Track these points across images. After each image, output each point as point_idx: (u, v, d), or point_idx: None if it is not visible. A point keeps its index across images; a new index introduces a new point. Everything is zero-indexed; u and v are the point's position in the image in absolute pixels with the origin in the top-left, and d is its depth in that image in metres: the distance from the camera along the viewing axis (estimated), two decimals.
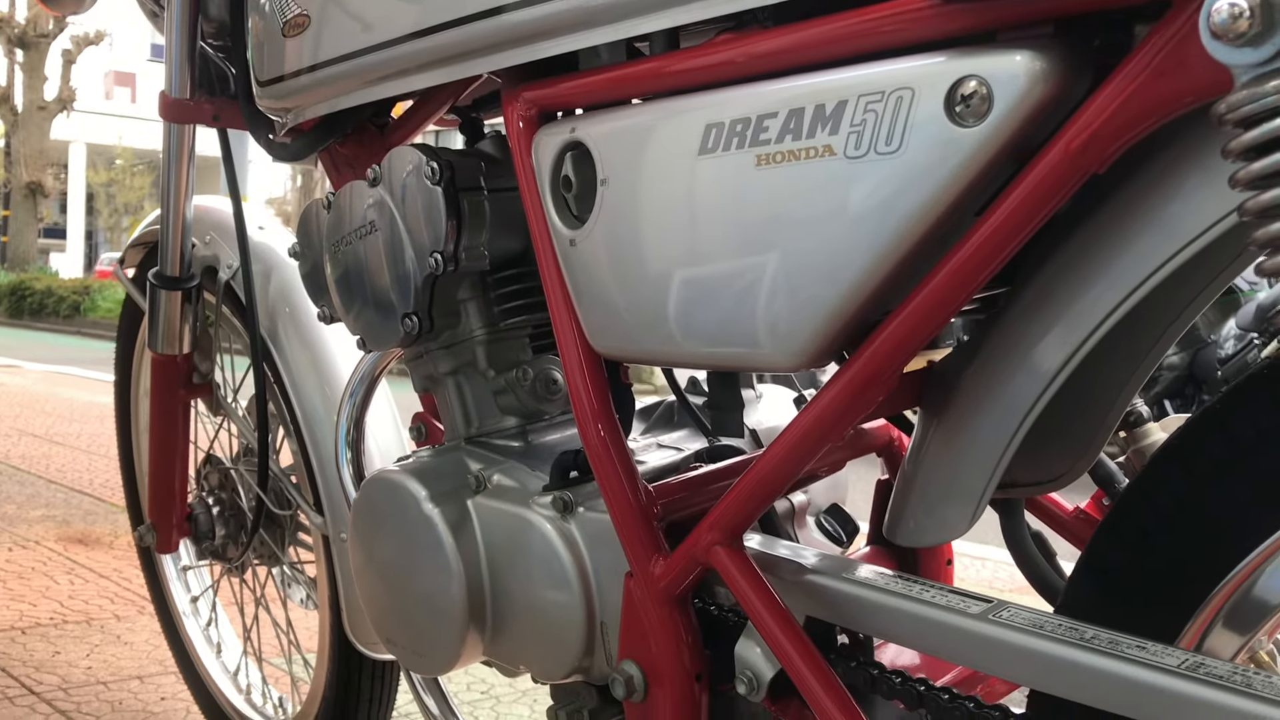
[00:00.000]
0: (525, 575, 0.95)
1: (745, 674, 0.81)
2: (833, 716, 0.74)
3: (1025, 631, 0.68)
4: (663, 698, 0.85)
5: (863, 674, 0.78)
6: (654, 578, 0.84)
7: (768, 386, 1.15)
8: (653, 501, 0.87)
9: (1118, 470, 0.97)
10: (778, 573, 0.80)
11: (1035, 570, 0.94)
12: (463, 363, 1.08)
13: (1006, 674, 0.70)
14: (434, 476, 1.01)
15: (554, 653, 0.94)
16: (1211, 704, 0.60)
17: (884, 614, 0.75)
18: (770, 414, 1.11)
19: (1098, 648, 0.65)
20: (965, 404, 0.75)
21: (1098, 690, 0.65)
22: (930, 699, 0.75)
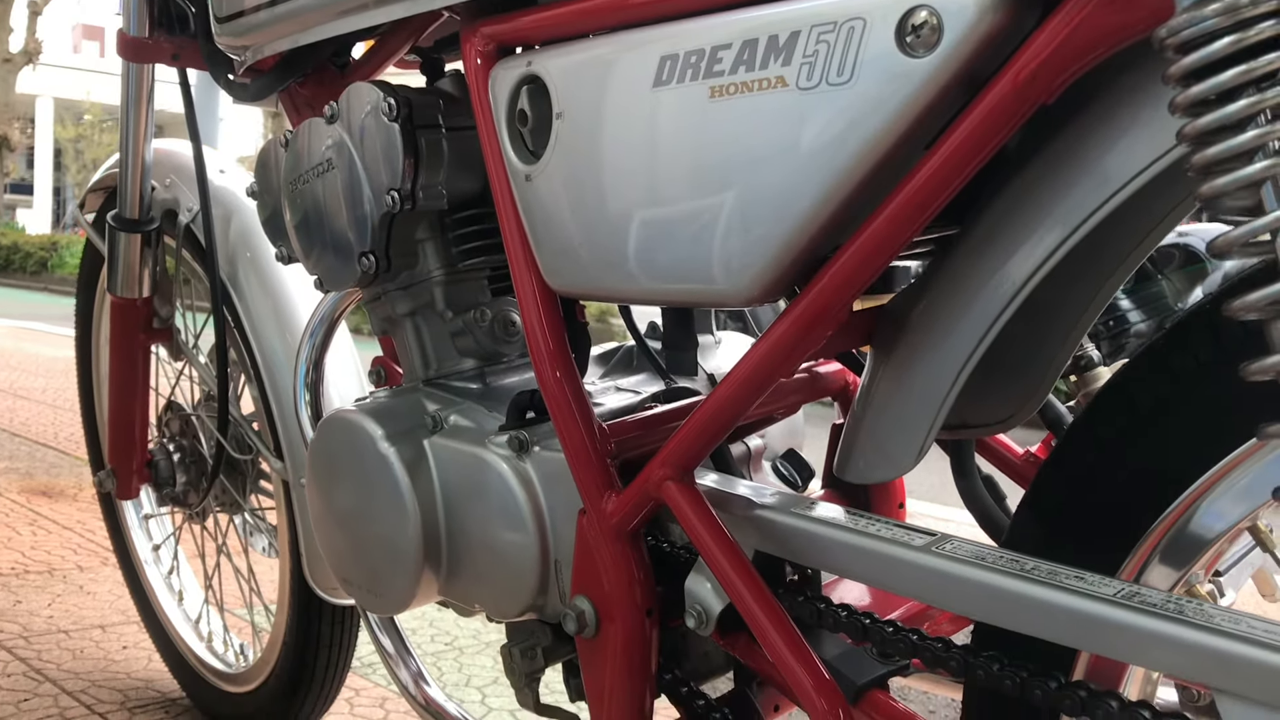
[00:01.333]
0: (480, 514, 0.95)
1: (695, 608, 0.82)
2: (779, 649, 0.75)
3: (967, 563, 0.69)
4: (613, 633, 0.86)
5: (809, 608, 0.79)
6: (606, 514, 0.84)
7: (727, 333, 1.15)
8: (607, 440, 0.87)
9: (1067, 413, 0.99)
10: (727, 509, 0.81)
11: (984, 512, 0.96)
12: (420, 304, 1.07)
13: (949, 605, 0.71)
14: (390, 416, 1.01)
15: (508, 591, 0.95)
16: (1145, 630, 0.61)
17: (830, 547, 0.75)
18: (729, 359, 1.11)
19: (1037, 578, 0.66)
20: (913, 342, 0.76)
21: (1036, 619, 0.66)
22: (875, 631, 0.76)
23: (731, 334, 1.14)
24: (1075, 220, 0.66)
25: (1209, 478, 0.67)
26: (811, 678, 0.74)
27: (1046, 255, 0.68)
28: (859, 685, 0.77)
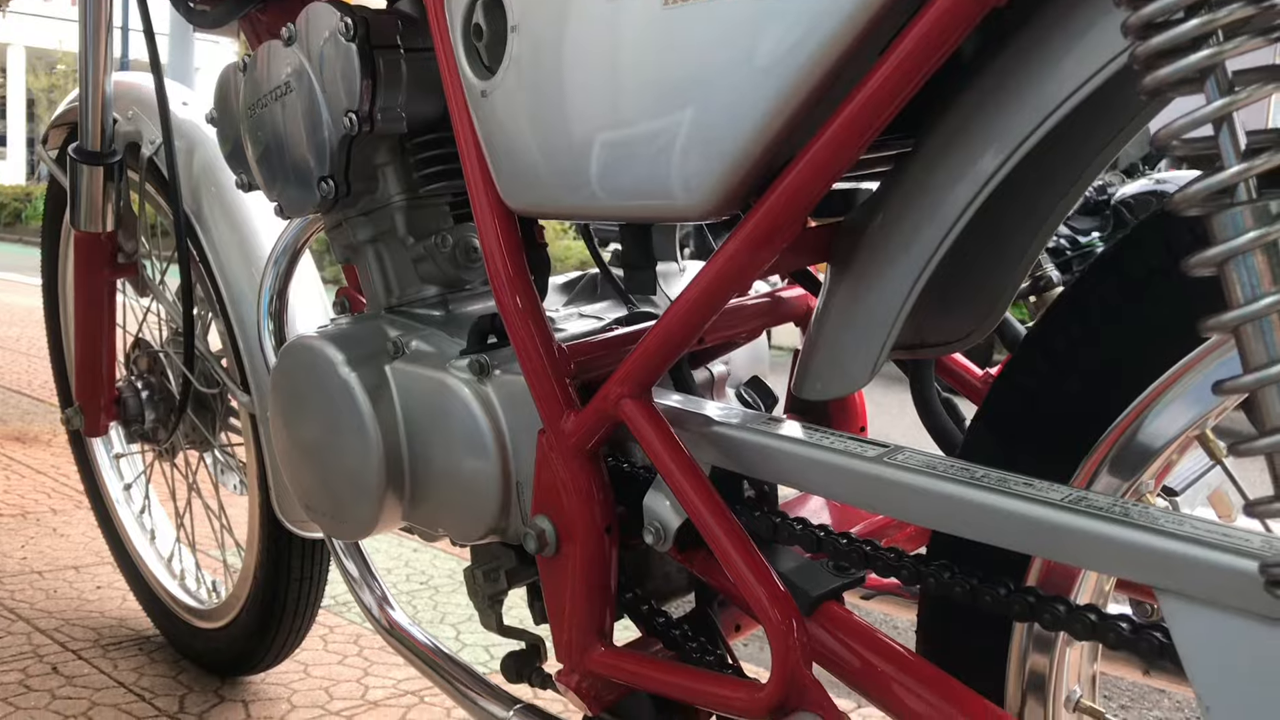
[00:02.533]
0: (442, 438, 0.95)
1: (653, 524, 0.82)
2: (734, 562, 0.75)
3: (918, 472, 0.69)
4: (573, 551, 0.86)
5: (766, 522, 0.80)
6: (565, 434, 0.85)
7: (692, 262, 1.15)
8: (566, 360, 0.87)
9: (1025, 332, 0.99)
10: (685, 426, 0.81)
11: (942, 431, 0.96)
12: (382, 230, 1.07)
13: (901, 513, 0.71)
14: (352, 342, 1.00)
15: (471, 514, 0.95)
16: (1091, 533, 0.62)
17: (784, 461, 0.76)
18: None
19: (986, 485, 0.66)
20: (869, 256, 0.76)
21: (985, 525, 0.66)
22: (829, 543, 0.76)
23: (696, 263, 1.14)
24: (1026, 129, 0.66)
25: (1157, 386, 0.68)
26: (766, 590, 0.74)
27: (998, 166, 0.68)
28: (814, 597, 0.78)
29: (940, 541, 0.79)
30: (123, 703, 1.57)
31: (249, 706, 1.60)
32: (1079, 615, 0.66)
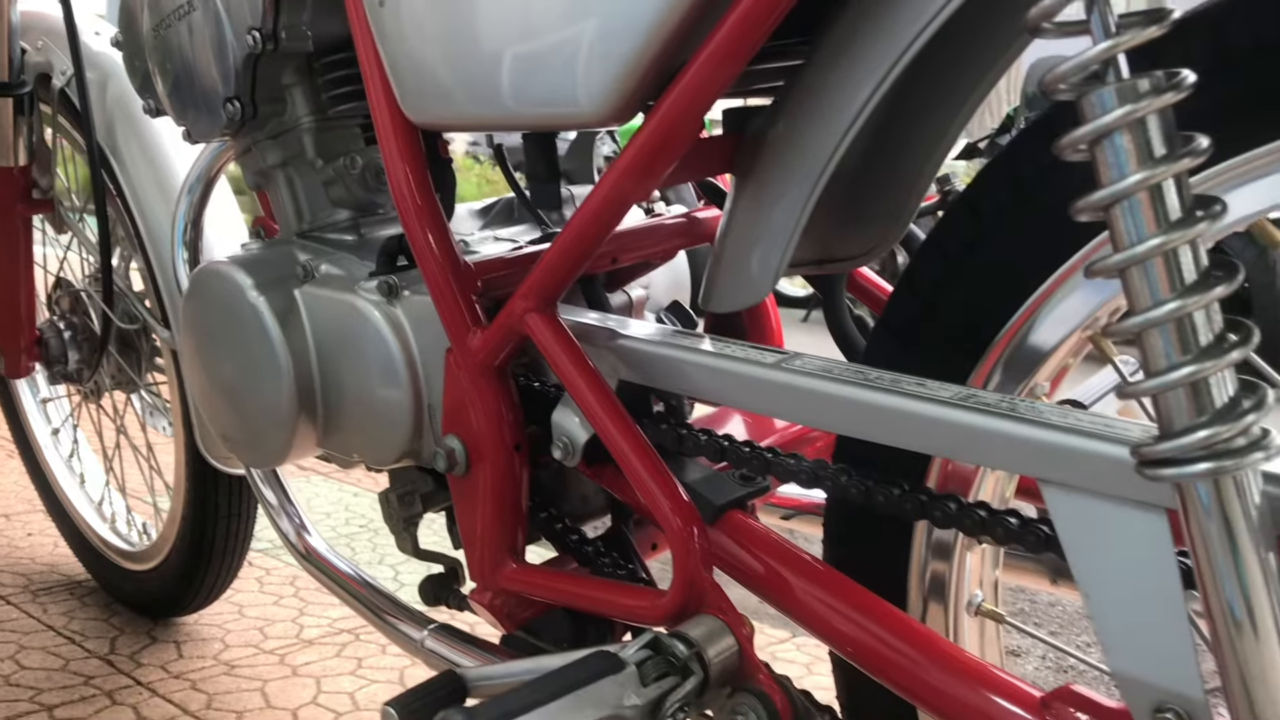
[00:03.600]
0: (353, 361, 0.94)
1: (561, 439, 0.82)
2: (638, 473, 0.75)
3: (814, 376, 0.69)
4: (483, 470, 0.86)
5: (671, 434, 0.80)
6: (472, 351, 0.84)
7: None
8: (472, 277, 0.86)
9: None
10: (591, 340, 0.81)
11: (852, 346, 0.96)
12: (291, 154, 1.05)
13: (799, 417, 0.72)
14: (260, 266, 0.99)
15: (383, 437, 0.94)
16: (979, 429, 0.62)
17: (687, 370, 0.76)
18: None
19: (879, 386, 0.67)
20: (769, 162, 0.75)
21: (879, 425, 0.67)
22: (731, 451, 0.77)
23: None
24: (909, 35, 0.65)
25: (1047, 286, 0.68)
26: (668, 499, 0.74)
27: (885, 72, 0.67)
28: (718, 505, 0.78)
29: (844, 449, 0.79)
30: (52, 645, 1.56)
31: (181, 647, 1.59)
32: (969, 511, 0.66)
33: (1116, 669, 0.59)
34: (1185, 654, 0.56)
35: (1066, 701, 0.61)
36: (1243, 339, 0.50)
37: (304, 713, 1.44)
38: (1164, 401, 0.51)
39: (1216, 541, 0.51)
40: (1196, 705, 0.56)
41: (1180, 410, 0.51)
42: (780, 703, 0.70)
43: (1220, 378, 0.50)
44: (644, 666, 0.68)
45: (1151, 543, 0.56)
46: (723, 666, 0.70)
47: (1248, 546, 0.51)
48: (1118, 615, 0.58)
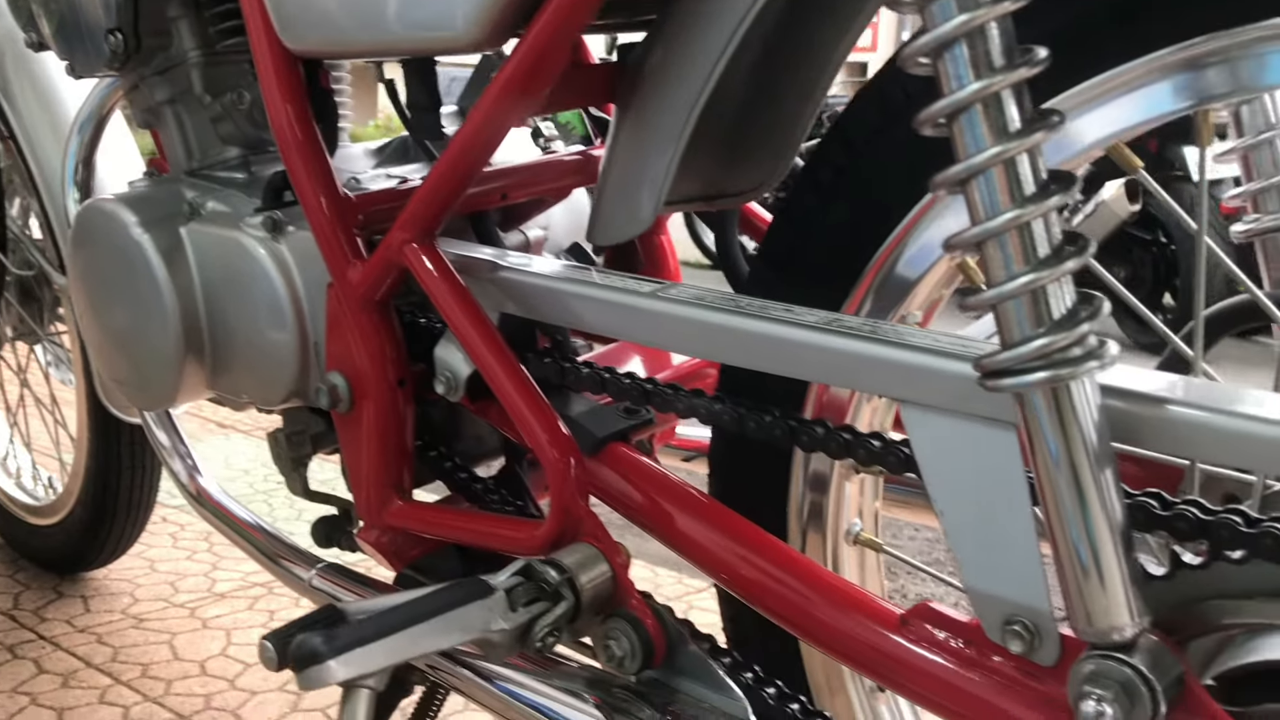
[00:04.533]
0: (238, 299, 0.93)
1: (444, 374, 0.81)
2: (517, 405, 0.75)
3: (687, 304, 0.69)
4: (367, 407, 0.85)
5: (554, 367, 0.79)
6: (352, 285, 0.83)
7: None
8: (353, 210, 0.85)
9: None
10: (472, 273, 0.80)
11: (740, 280, 0.96)
12: (179, 90, 1.02)
13: (675, 345, 0.72)
14: (145, 203, 0.96)
15: (270, 377, 0.93)
16: (843, 351, 0.63)
17: (567, 301, 0.75)
18: (508, 153, 1.08)
19: (748, 312, 0.67)
20: (647, 92, 0.75)
21: (748, 350, 0.67)
22: (611, 383, 0.76)
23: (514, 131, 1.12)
24: None
25: (916, 212, 0.68)
26: (545, 431, 0.74)
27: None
28: (599, 438, 0.78)
29: (727, 380, 0.79)
30: None
31: (89, 601, 1.56)
32: (834, 435, 0.67)
33: (969, 585, 0.59)
34: (1033, 569, 0.57)
35: (923, 618, 0.62)
36: (1079, 249, 0.50)
37: (212, 664, 1.42)
38: (1004, 313, 0.52)
39: (1054, 452, 0.52)
40: (1043, 617, 0.57)
41: (1020, 321, 0.51)
42: (652, 627, 0.70)
43: (1058, 288, 0.51)
44: (514, 592, 0.68)
45: (1001, 459, 0.57)
46: (595, 593, 0.70)
47: (1084, 457, 0.52)
48: (970, 533, 0.59)
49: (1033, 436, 0.52)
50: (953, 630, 0.61)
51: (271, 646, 0.70)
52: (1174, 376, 0.55)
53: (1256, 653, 0.58)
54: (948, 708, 0.61)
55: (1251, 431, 0.51)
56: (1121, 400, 0.54)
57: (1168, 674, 0.53)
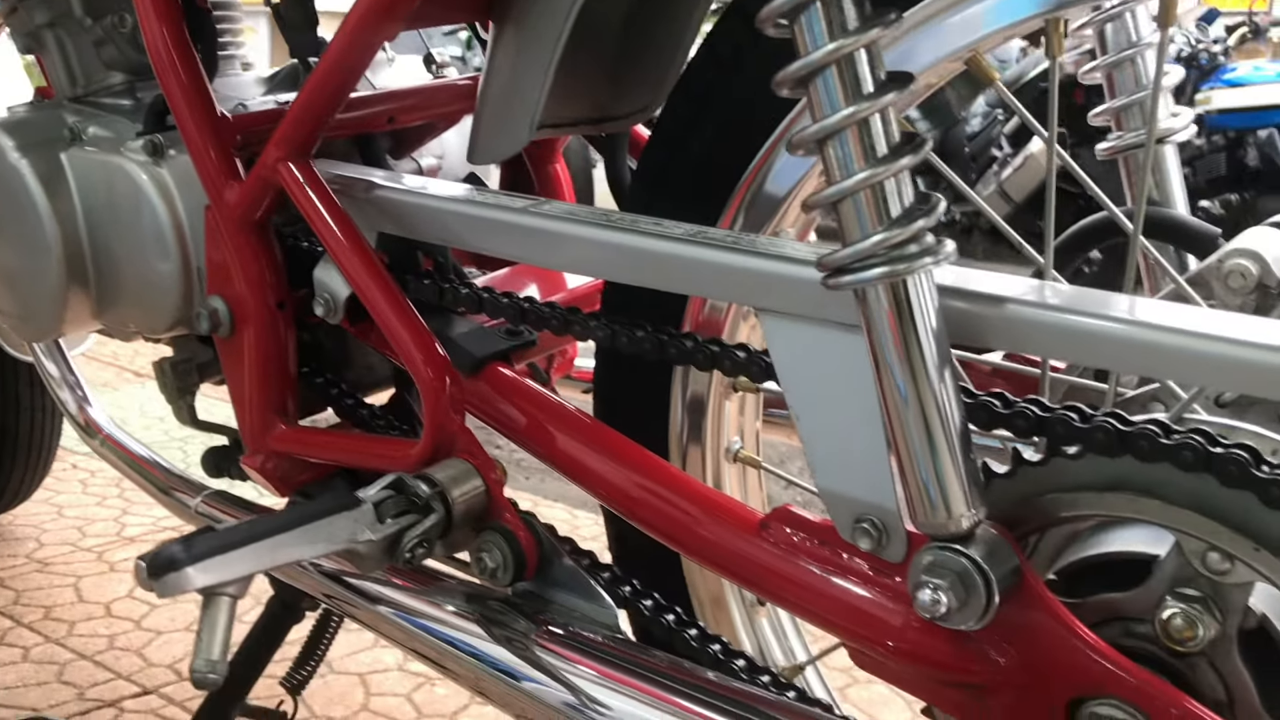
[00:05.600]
0: (120, 225, 0.91)
1: (323, 296, 0.81)
2: (392, 325, 0.75)
3: (559, 219, 0.70)
4: (248, 331, 0.84)
5: (432, 288, 0.79)
6: (229, 205, 0.82)
7: (402, 56, 1.11)
8: (230, 130, 0.83)
9: None
10: (349, 193, 0.79)
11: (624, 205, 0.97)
12: (59, 13, 0.99)
13: (547, 260, 0.72)
14: (24, 128, 0.94)
15: (154, 305, 0.91)
16: (704, 261, 0.63)
17: (441, 218, 0.75)
18: (399, 77, 1.07)
19: (618, 226, 0.67)
20: (520, 10, 0.74)
21: (617, 263, 0.67)
22: (489, 303, 0.76)
23: (406, 56, 1.11)
24: None
25: (781, 129, 0.69)
26: (421, 350, 0.74)
27: None
28: (478, 358, 0.78)
29: (609, 299, 0.80)
30: None
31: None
32: (702, 347, 0.68)
33: (822, 486, 0.61)
34: (880, 468, 0.58)
35: (782, 521, 0.64)
36: (914, 148, 0.51)
37: (118, 606, 1.41)
38: (845, 212, 0.52)
39: (893, 349, 0.53)
40: (890, 515, 0.58)
41: (860, 219, 0.52)
42: (525, 540, 0.71)
43: (895, 186, 0.52)
44: (383, 505, 0.68)
45: (851, 362, 0.58)
46: (467, 506, 0.70)
47: (921, 354, 0.53)
48: (823, 435, 0.60)
49: (873, 334, 0.53)
50: (809, 532, 0.63)
51: (144, 565, 0.69)
52: (1008, 277, 0.56)
53: (1092, 548, 0.60)
54: (803, 606, 0.63)
55: (1081, 327, 0.53)
56: (960, 300, 0.55)
57: (1004, 565, 0.55)
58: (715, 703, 0.64)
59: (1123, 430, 0.53)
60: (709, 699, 0.64)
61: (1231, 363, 0.50)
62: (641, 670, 0.67)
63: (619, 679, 0.67)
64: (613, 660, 0.68)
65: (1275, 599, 0.54)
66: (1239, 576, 0.52)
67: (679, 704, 0.65)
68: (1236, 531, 0.51)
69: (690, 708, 0.65)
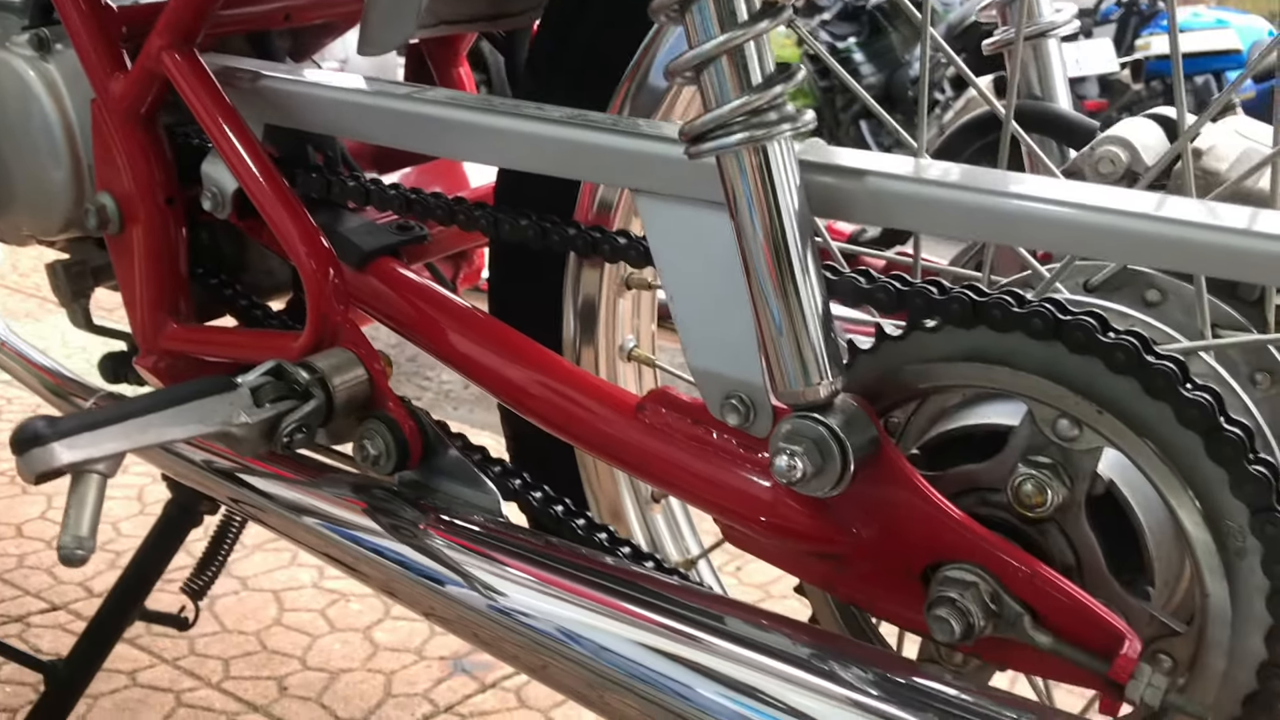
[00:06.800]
0: (8, 124, 0.89)
1: (210, 189, 0.80)
2: (278, 218, 0.74)
3: (439, 104, 0.69)
4: (136, 227, 0.83)
5: (320, 181, 0.78)
6: (115, 97, 0.80)
7: None
8: (116, 21, 0.81)
9: None
10: (234, 84, 0.78)
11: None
12: None
13: (429, 147, 0.71)
14: None
15: (45, 205, 0.89)
16: (581, 143, 0.63)
17: (325, 107, 0.74)
18: None
19: (500, 110, 0.67)
20: None
21: (503, 148, 0.67)
22: (376, 194, 0.76)
23: None
24: None
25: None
26: (305, 242, 0.73)
27: None
28: (366, 251, 0.77)
29: (502, 193, 0.79)
30: None
31: None
32: (584, 234, 0.68)
33: (694, 365, 0.61)
34: (748, 345, 0.58)
35: (657, 402, 0.64)
36: (774, 13, 0.51)
37: (30, 527, 1.40)
38: (705, 80, 0.52)
39: (754, 219, 0.53)
40: (756, 391, 0.59)
41: (720, 85, 0.52)
42: (409, 429, 0.71)
43: (755, 52, 0.52)
44: (261, 390, 0.68)
45: (720, 240, 0.58)
46: (349, 394, 0.70)
47: (781, 225, 0.53)
48: (695, 315, 0.61)
49: (734, 204, 0.54)
50: (682, 411, 0.63)
51: (15, 448, 0.69)
52: (869, 153, 0.57)
53: (954, 423, 0.61)
54: (677, 484, 0.64)
55: (940, 197, 0.54)
56: (823, 174, 0.56)
57: (861, 435, 0.56)
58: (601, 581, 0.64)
59: (978, 301, 0.54)
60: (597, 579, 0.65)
61: (1079, 227, 0.51)
62: (530, 552, 0.67)
63: (507, 561, 0.67)
64: (499, 544, 0.68)
65: (1123, 466, 0.56)
66: (1086, 443, 0.54)
67: (576, 589, 0.64)
68: (1082, 396, 0.52)
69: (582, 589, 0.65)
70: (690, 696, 0.58)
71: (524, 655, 0.65)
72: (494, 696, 1.14)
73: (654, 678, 0.59)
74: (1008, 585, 0.54)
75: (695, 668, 0.58)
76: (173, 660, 1.16)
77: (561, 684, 0.66)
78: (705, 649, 0.59)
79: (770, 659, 0.57)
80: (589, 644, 0.62)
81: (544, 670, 0.65)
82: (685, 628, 0.60)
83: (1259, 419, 0.60)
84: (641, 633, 0.61)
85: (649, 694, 0.59)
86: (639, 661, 0.60)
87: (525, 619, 0.64)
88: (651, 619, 0.61)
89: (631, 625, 0.62)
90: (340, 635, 1.24)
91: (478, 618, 0.66)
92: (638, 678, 0.60)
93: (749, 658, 0.57)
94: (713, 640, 0.59)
